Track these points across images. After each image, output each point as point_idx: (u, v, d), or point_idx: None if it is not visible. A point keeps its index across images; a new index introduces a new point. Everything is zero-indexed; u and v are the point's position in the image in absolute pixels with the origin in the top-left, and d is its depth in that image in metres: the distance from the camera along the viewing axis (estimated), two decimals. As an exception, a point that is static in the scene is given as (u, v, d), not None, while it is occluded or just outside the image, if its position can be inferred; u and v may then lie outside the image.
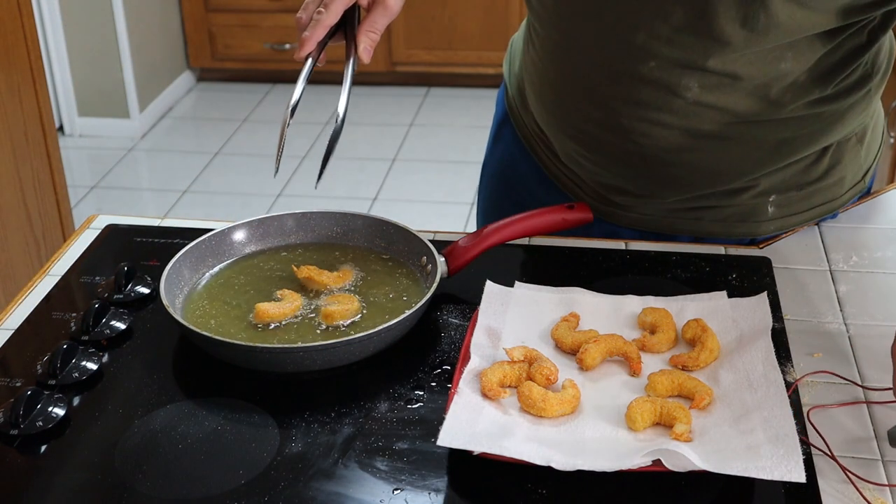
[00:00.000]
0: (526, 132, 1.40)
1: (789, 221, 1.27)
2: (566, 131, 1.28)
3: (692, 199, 1.26)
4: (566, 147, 1.30)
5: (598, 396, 0.99)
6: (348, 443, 0.96)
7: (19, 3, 2.36)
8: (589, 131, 1.24)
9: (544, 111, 1.31)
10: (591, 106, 1.22)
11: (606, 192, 1.30)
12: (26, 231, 2.45)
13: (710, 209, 1.27)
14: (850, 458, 0.94)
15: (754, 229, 1.27)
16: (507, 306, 1.11)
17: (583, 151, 1.28)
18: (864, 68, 1.20)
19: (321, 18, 1.11)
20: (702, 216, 1.28)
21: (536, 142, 1.38)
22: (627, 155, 1.23)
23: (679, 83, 1.14)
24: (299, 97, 1.11)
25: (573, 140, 1.28)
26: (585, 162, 1.29)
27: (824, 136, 1.22)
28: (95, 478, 0.93)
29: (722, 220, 1.27)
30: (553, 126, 1.31)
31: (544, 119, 1.32)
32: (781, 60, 1.12)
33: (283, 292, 1.14)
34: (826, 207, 1.29)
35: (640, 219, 1.30)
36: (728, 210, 1.26)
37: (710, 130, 1.17)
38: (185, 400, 1.03)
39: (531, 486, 0.90)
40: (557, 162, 1.35)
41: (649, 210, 1.29)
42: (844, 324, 1.13)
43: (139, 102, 4.28)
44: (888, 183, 2.10)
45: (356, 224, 1.25)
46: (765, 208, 1.26)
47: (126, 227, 1.34)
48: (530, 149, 1.40)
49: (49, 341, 1.10)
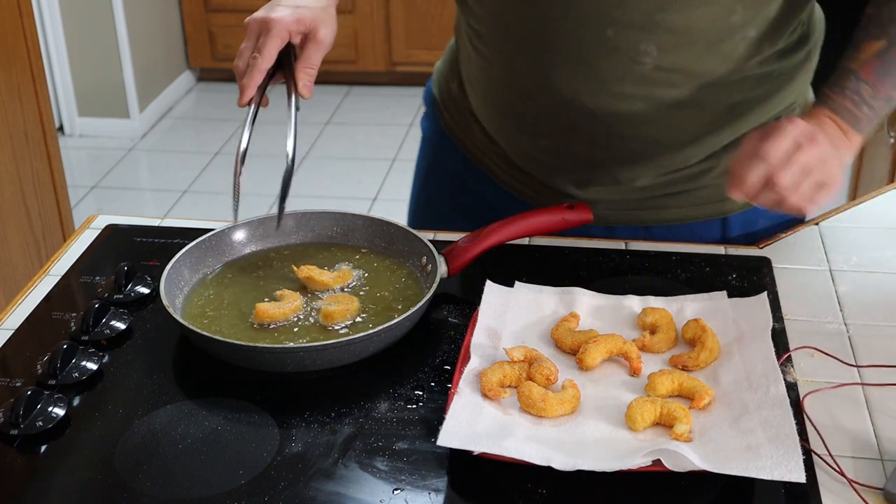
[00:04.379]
0: (472, 148, 1.38)
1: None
2: (523, 130, 1.28)
3: (658, 187, 1.27)
4: (522, 148, 1.30)
5: (598, 396, 0.99)
6: (348, 443, 0.96)
7: (19, 3, 2.36)
8: (549, 123, 1.24)
9: (497, 116, 1.31)
10: (550, 94, 1.22)
11: (568, 188, 1.30)
12: (26, 231, 2.45)
13: (676, 195, 1.28)
14: (849, 458, 0.94)
15: (722, 208, 1.29)
16: (507, 306, 1.11)
17: (544, 147, 1.27)
18: (802, 28, 1.25)
19: (257, 63, 1.14)
20: (668, 203, 1.29)
21: (486, 154, 1.37)
22: (592, 137, 1.23)
23: (638, 49, 1.15)
24: (247, 144, 1.16)
25: (532, 137, 1.28)
26: (546, 158, 1.29)
27: (775, 99, 1.25)
28: (95, 478, 0.93)
29: (690, 205, 1.29)
30: (507, 129, 1.30)
31: (497, 124, 1.31)
32: (732, 13, 1.14)
33: (283, 292, 1.14)
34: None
35: (607, 214, 1.30)
36: (694, 194, 1.28)
37: (671, 98, 1.19)
38: (185, 400, 1.03)
39: (531, 486, 0.90)
40: (511, 170, 1.34)
41: (616, 201, 1.29)
42: (844, 324, 1.13)
43: (139, 102, 4.27)
44: (888, 183, 2.10)
45: (356, 224, 1.25)
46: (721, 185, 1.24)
47: (126, 227, 1.34)
48: (478, 162, 1.38)
49: (49, 341, 1.10)
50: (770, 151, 1.02)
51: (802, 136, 1.03)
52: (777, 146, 1.02)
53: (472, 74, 1.33)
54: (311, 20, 1.16)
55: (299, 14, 1.16)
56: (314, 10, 1.17)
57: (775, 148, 1.02)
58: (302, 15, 1.16)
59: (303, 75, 1.17)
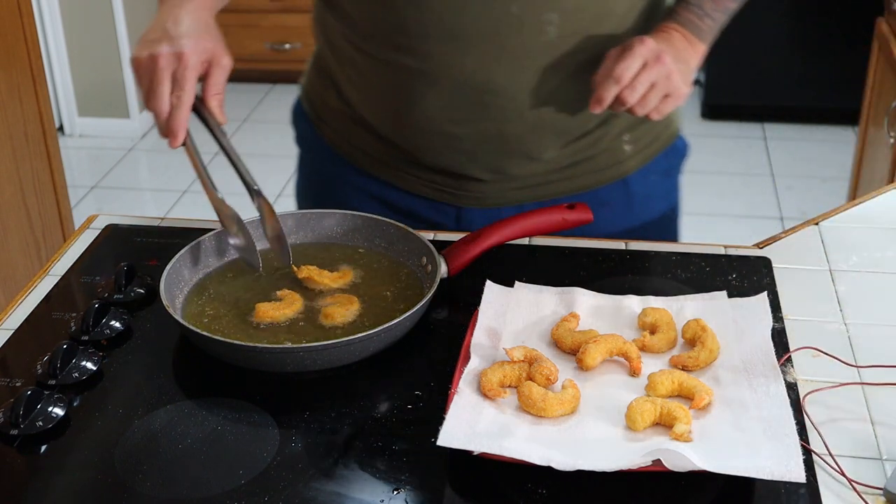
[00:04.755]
0: (368, 160, 1.38)
1: (645, 154, 1.38)
2: (433, 123, 1.27)
3: (564, 157, 1.31)
4: (434, 143, 1.30)
5: (598, 396, 0.99)
6: (348, 443, 0.96)
7: (19, 3, 2.36)
8: (463, 110, 1.25)
9: (398, 117, 1.30)
10: (462, 81, 1.22)
11: (484, 174, 1.31)
12: (26, 231, 2.45)
13: (579, 164, 1.33)
14: (849, 458, 0.94)
15: (620, 170, 1.37)
16: (507, 306, 1.11)
17: (457, 136, 1.28)
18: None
19: (182, 101, 1.10)
20: (574, 172, 1.34)
21: (386, 162, 1.36)
22: (505, 115, 1.25)
23: (542, 19, 1.19)
24: (219, 194, 1.16)
25: (444, 129, 1.27)
26: (462, 146, 1.29)
27: None
28: (95, 478, 0.93)
29: (592, 172, 1.35)
30: (412, 127, 1.29)
31: (398, 126, 1.31)
32: None
33: (283, 292, 1.14)
34: (668, 133, 1.40)
35: (517, 194, 1.33)
36: (595, 161, 1.34)
37: (576, 63, 1.23)
38: (185, 400, 1.03)
39: (531, 486, 0.90)
40: (420, 171, 1.34)
41: (526, 177, 1.32)
42: (844, 324, 1.13)
43: (139, 102, 4.27)
44: (888, 183, 2.10)
45: (356, 224, 1.25)
46: (622, 147, 1.36)
47: (126, 227, 1.34)
48: (379, 172, 1.38)
49: (49, 341, 1.10)
50: (621, 73, 1.17)
51: (650, 55, 1.18)
52: (627, 67, 1.17)
53: (358, 80, 1.32)
54: (213, 46, 1.14)
55: (203, 43, 1.13)
56: (211, 35, 1.15)
57: (625, 69, 1.17)
58: (204, 43, 1.13)
59: (215, 102, 1.15)
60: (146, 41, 1.14)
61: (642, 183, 1.39)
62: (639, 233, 1.37)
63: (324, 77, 1.39)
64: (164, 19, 1.15)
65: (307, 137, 1.46)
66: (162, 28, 1.14)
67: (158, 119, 1.11)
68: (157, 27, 1.14)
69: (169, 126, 1.11)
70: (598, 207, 1.28)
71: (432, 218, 1.37)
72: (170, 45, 1.11)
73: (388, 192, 1.38)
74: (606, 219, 1.34)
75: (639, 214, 1.40)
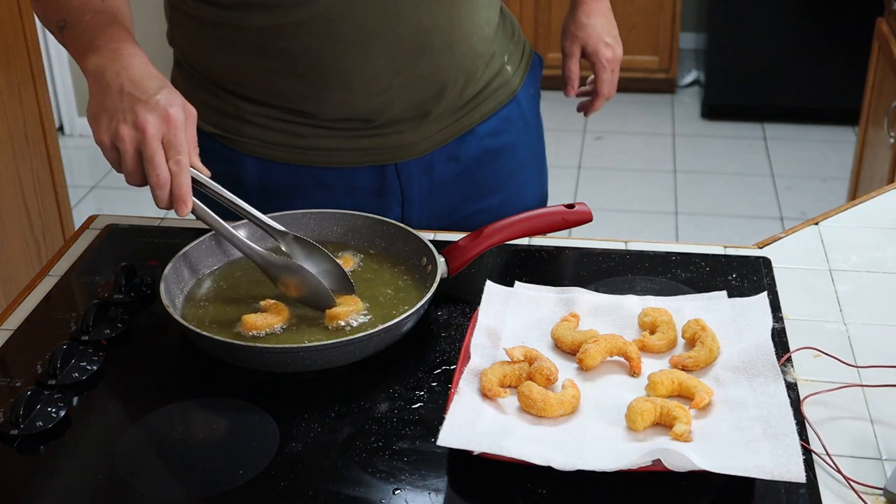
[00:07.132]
0: (265, 150, 1.32)
1: (522, 70, 1.45)
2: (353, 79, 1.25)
3: (466, 87, 1.33)
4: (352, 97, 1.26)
5: (598, 396, 0.99)
6: (348, 443, 0.96)
7: (19, 3, 2.36)
8: (388, 59, 1.23)
9: (315, 82, 1.25)
10: (391, 27, 1.21)
11: (401, 125, 1.31)
12: (26, 231, 2.45)
13: (479, 94, 1.36)
14: (849, 458, 0.94)
15: (509, 89, 1.41)
16: (507, 306, 1.11)
17: (375, 90, 1.25)
18: None
19: (182, 164, 1.04)
20: (478, 104, 1.37)
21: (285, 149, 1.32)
22: (432, 54, 1.25)
23: None
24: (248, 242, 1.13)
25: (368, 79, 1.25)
26: (380, 98, 1.26)
27: None
28: (95, 478, 0.93)
29: (490, 97, 1.39)
30: (333, 89, 1.25)
31: (315, 89, 1.25)
32: None
33: (266, 303, 1.12)
34: (527, 50, 1.47)
35: (424, 142, 1.33)
36: (489, 88, 1.38)
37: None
38: (184, 400, 1.03)
39: (531, 486, 0.90)
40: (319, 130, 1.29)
41: (434, 120, 1.32)
42: (844, 324, 1.13)
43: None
44: (888, 183, 2.10)
45: (356, 224, 1.25)
46: (505, 69, 1.41)
47: (126, 227, 1.34)
48: (268, 152, 1.32)
49: (49, 341, 1.10)
50: (611, 92, 1.49)
51: (616, 62, 1.49)
52: (613, 84, 1.48)
53: (240, 59, 1.28)
54: (180, 97, 1.08)
55: (173, 97, 1.07)
56: (169, 85, 1.09)
57: (613, 87, 1.48)
58: (174, 96, 1.07)
59: (195, 156, 1.08)
60: (107, 112, 1.05)
61: (529, 101, 1.47)
62: (538, 147, 1.51)
63: (200, 81, 1.36)
64: (115, 82, 1.06)
65: (230, 172, 1.31)
66: (120, 92, 1.05)
67: (159, 191, 1.04)
68: (112, 93, 1.05)
69: (176, 195, 1.04)
70: (507, 125, 1.40)
71: (375, 183, 1.33)
72: (147, 109, 1.04)
73: (326, 176, 1.33)
74: (519, 138, 1.44)
75: (535, 129, 1.49)
